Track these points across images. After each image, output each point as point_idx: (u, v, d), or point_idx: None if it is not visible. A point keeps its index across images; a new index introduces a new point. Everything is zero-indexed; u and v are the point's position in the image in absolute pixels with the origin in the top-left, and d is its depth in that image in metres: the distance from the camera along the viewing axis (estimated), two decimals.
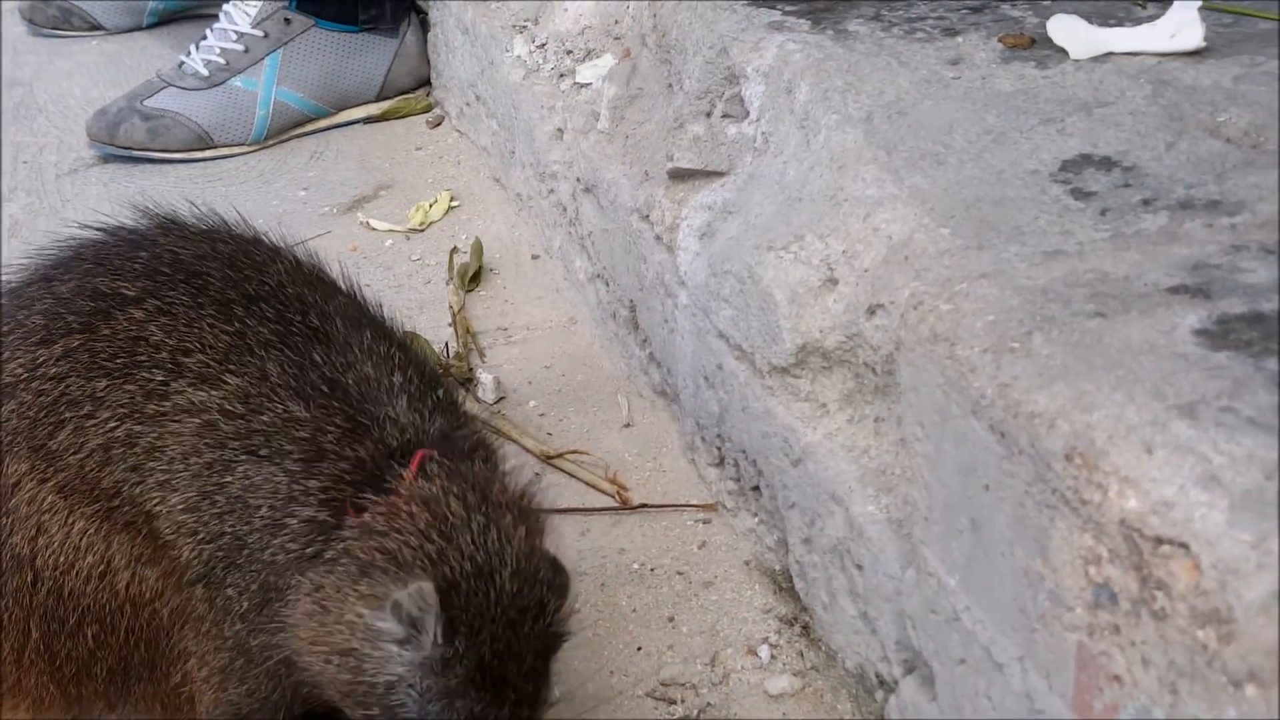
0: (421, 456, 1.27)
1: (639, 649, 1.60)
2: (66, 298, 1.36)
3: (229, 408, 1.29)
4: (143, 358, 1.32)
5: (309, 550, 1.24)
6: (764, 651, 1.57)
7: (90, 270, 1.39)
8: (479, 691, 1.18)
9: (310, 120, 2.84)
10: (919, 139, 1.56)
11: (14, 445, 1.32)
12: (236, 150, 2.77)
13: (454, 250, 2.39)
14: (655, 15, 2.06)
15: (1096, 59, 1.67)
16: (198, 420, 1.29)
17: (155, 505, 1.30)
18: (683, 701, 1.53)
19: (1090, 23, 1.72)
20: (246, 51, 2.76)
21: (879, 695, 1.45)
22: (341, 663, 1.20)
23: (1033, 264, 1.30)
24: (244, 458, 1.27)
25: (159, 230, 1.44)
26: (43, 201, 2.64)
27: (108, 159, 2.77)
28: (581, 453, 1.90)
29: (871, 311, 1.47)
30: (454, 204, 2.56)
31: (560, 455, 1.90)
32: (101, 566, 1.31)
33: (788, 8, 1.88)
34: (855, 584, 1.47)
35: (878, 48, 1.75)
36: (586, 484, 1.86)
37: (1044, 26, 1.76)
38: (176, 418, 1.30)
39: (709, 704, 1.52)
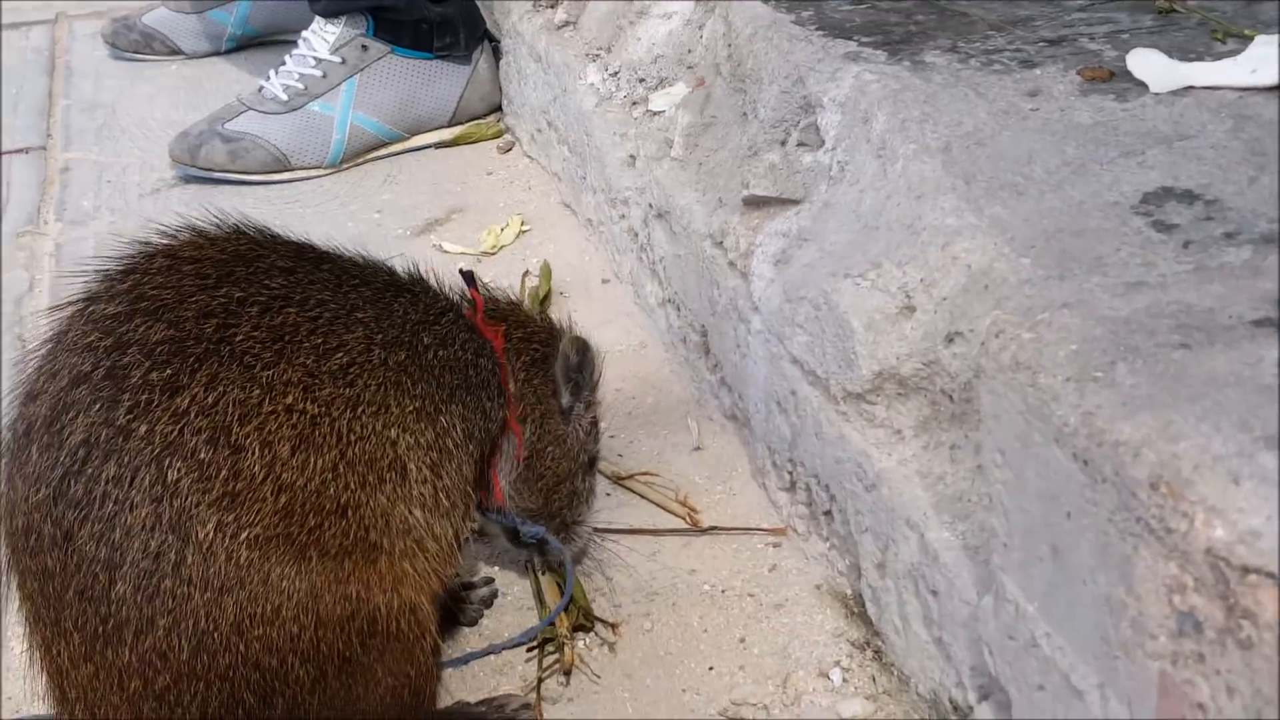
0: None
1: (711, 668, 1.61)
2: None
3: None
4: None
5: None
6: (836, 675, 1.58)
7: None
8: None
9: (384, 144, 2.89)
10: (998, 169, 1.57)
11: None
12: (313, 173, 2.83)
13: (525, 274, 2.42)
14: (730, 45, 2.09)
15: (1176, 93, 1.68)
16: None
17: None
18: None
19: (1170, 57, 1.73)
20: (324, 77, 2.82)
21: None
22: None
23: (1115, 295, 1.31)
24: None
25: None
26: (126, 220, 2.70)
27: (189, 180, 2.83)
28: (652, 475, 1.92)
29: (950, 339, 1.48)
30: (525, 228, 2.60)
31: (631, 476, 1.92)
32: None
33: (864, 39, 1.91)
34: (930, 609, 1.48)
35: (955, 79, 1.77)
36: (657, 505, 1.88)
37: (1122, 60, 1.77)
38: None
39: None
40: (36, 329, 2.34)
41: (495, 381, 1.58)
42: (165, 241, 1.46)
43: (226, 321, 1.36)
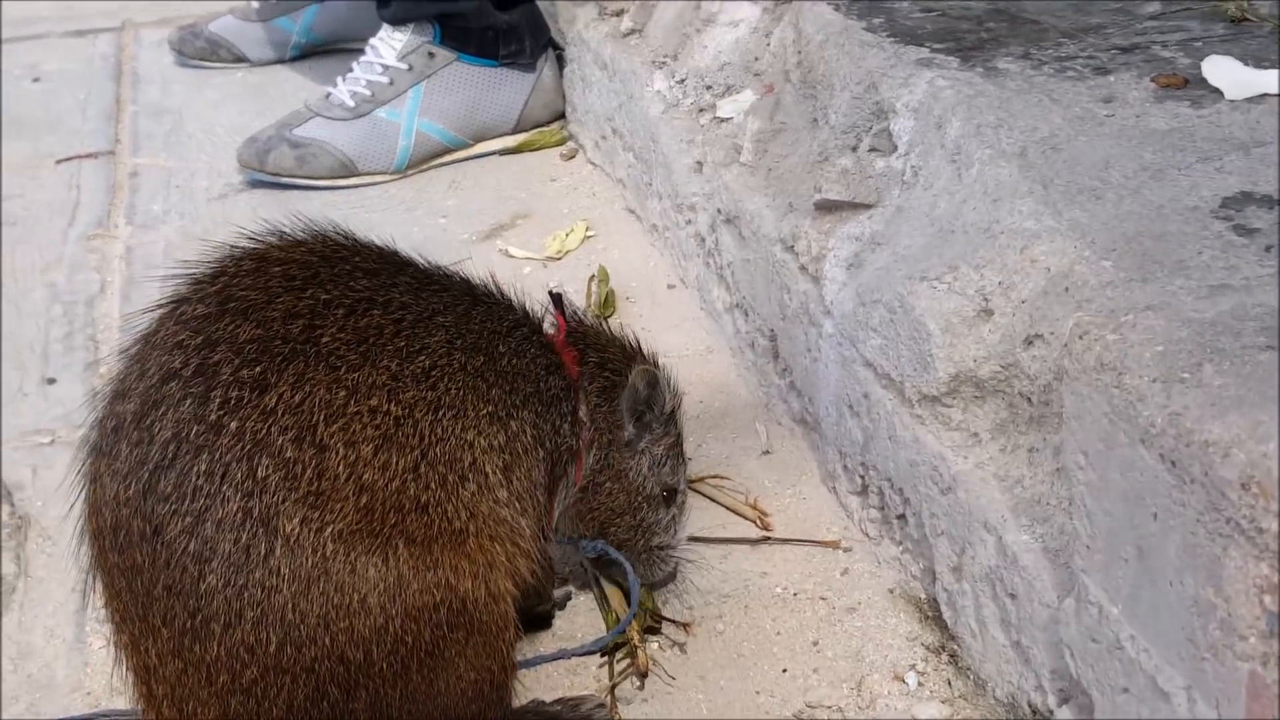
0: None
1: (784, 671, 1.62)
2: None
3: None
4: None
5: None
6: (911, 678, 1.58)
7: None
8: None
9: (449, 151, 2.92)
10: (1075, 174, 1.57)
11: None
12: (379, 179, 2.86)
13: (591, 278, 2.43)
14: (800, 52, 2.10)
15: (1252, 100, 1.68)
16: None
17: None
18: None
19: (1245, 64, 1.73)
20: (391, 84, 2.85)
21: None
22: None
23: (1199, 297, 1.31)
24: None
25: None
26: (195, 224, 2.74)
27: (255, 185, 2.87)
28: (722, 478, 1.93)
29: (1029, 342, 1.48)
30: (589, 234, 2.62)
31: (701, 480, 1.93)
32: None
33: (935, 45, 1.91)
34: (1008, 613, 1.48)
35: (1028, 85, 1.77)
36: (727, 509, 1.89)
37: (1195, 68, 1.77)
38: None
39: None
40: (109, 330, 2.40)
41: (568, 403, 1.58)
42: (253, 245, 1.48)
43: (313, 322, 1.39)
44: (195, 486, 1.32)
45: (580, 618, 1.73)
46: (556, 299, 1.65)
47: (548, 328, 1.62)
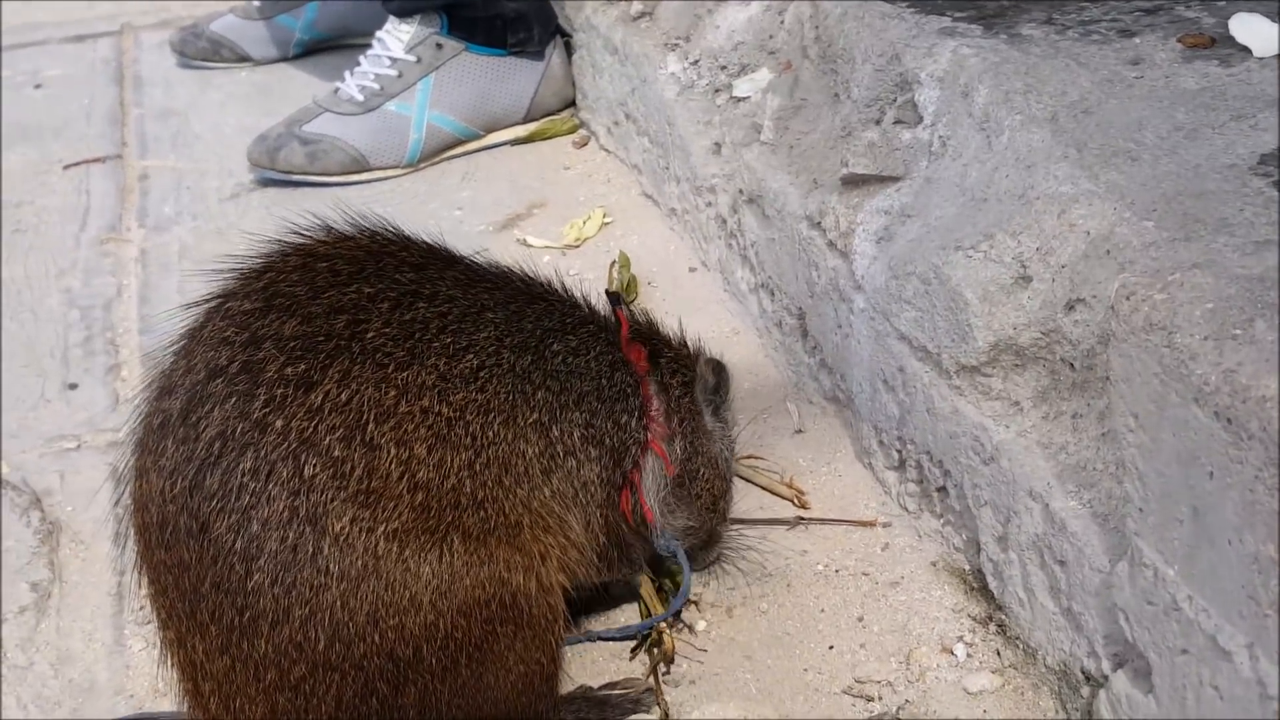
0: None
1: (831, 648, 1.61)
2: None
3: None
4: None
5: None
6: (960, 650, 1.57)
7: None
8: None
9: (461, 142, 2.90)
10: (1108, 136, 1.56)
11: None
12: (391, 173, 2.85)
13: (612, 264, 2.42)
14: (818, 27, 2.09)
15: None
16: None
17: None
18: (880, 699, 1.53)
19: (1274, 21, 1.71)
20: (400, 76, 2.83)
21: (1085, 691, 1.45)
22: None
23: (1245, 254, 1.30)
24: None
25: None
26: (208, 225, 2.73)
27: (266, 183, 2.86)
28: (758, 458, 1.92)
29: (1071, 306, 1.47)
30: (607, 220, 2.60)
31: (737, 460, 1.91)
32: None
33: (957, 14, 1.90)
34: (1056, 580, 1.47)
35: (1054, 50, 1.76)
36: (764, 489, 1.88)
37: (1222, 26, 1.75)
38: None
39: (907, 701, 1.52)
40: (128, 333, 2.39)
41: (636, 399, 1.56)
42: (300, 240, 1.47)
43: (357, 317, 1.38)
44: (241, 484, 1.31)
45: (619, 602, 1.72)
46: (615, 297, 1.63)
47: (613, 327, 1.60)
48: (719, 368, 1.64)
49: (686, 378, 1.62)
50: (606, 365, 1.53)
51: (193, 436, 1.33)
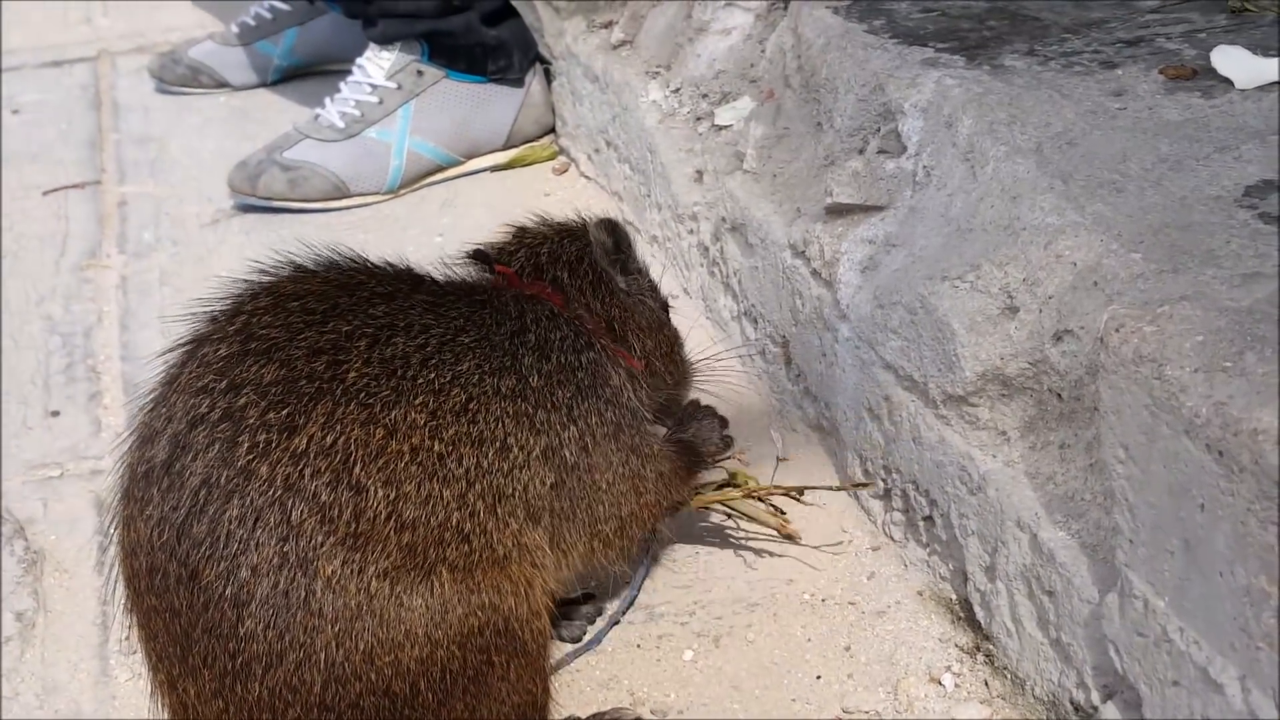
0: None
1: (818, 677, 1.61)
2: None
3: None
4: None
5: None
6: (948, 680, 1.57)
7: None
8: None
9: (441, 169, 2.90)
10: (1093, 168, 1.57)
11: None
12: (371, 199, 2.84)
13: None
14: (800, 56, 2.10)
15: (1263, 88, 1.68)
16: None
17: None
18: None
19: (1255, 53, 1.73)
20: (380, 103, 2.83)
21: None
22: None
23: (1233, 286, 1.31)
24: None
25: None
26: (188, 251, 2.72)
27: (246, 209, 2.84)
28: (741, 458, 1.91)
29: (1058, 337, 1.48)
30: None
31: (717, 490, 1.91)
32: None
33: (939, 45, 1.91)
34: (1045, 610, 1.47)
35: (1037, 81, 1.77)
36: (748, 517, 1.87)
37: (1203, 58, 1.77)
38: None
39: None
40: (110, 360, 2.37)
41: (609, 368, 1.58)
42: (266, 278, 1.47)
43: (336, 358, 1.38)
44: (229, 531, 1.31)
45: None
46: (480, 255, 1.63)
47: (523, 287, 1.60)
48: (611, 225, 1.65)
49: (589, 279, 1.63)
50: (571, 350, 1.54)
51: (178, 485, 1.32)
